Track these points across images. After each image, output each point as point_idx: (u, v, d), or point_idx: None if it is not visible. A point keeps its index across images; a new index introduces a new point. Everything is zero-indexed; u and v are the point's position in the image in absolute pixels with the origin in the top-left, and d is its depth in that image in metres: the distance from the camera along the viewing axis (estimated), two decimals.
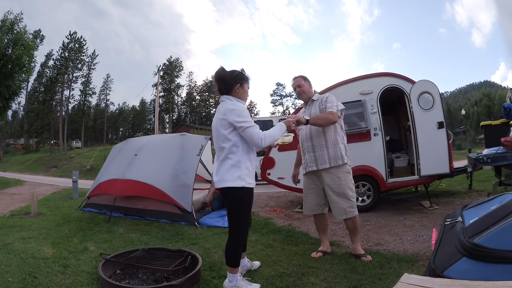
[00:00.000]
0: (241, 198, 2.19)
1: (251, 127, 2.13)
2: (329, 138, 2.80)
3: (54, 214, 5.38)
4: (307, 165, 2.91)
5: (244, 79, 2.30)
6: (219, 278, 2.41)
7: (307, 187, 3.00)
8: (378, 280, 2.28)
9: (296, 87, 3.01)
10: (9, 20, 14.51)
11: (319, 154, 2.81)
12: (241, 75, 2.29)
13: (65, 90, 44.03)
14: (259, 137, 2.13)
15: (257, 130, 2.15)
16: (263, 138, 2.14)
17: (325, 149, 2.79)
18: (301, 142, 2.99)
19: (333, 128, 2.83)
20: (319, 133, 2.82)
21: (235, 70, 2.31)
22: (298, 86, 3.00)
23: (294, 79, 3.05)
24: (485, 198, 2.30)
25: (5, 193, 9.34)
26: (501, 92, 43.63)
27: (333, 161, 2.78)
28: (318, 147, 2.82)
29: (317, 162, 2.82)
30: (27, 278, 2.46)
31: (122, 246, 3.33)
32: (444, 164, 4.59)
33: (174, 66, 56.54)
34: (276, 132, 2.27)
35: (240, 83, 2.27)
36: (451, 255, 1.37)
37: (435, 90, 4.73)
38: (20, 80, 14.96)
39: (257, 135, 2.13)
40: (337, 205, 2.79)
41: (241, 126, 2.12)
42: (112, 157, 6.05)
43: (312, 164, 2.85)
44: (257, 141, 2.13)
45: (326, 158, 2.79)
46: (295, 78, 3.04)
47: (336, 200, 2.79)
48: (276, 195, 7.05)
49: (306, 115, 2.82)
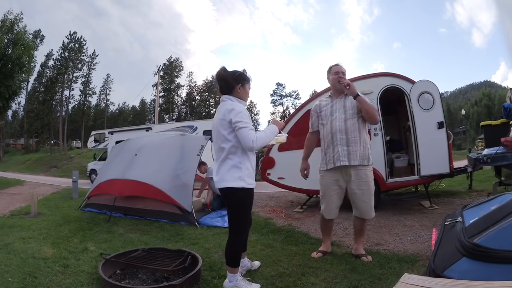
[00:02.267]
0: (241, 199, 2.19)
1: (244, 128, 2.11)
2: (362, 136, 2.71)
3: (54, 214, 5.38)
4: (336, 159, 2.68)
5: (245, 79, 2.31)
6: (219, 278, 2.40)
7: (329, 187, 2.78)
8: (378, 280, 2.28)
9: (341, 73, 2.79)
10: (9, 20, 14.52)
11: (353, 149, 2.66)
12: (242, 75, 2.30)
13: (65, 90, 44.01)
14: (250, 139, 2.10)
15: (250, 132, 2.12)
16: (254, 140, 2.11)
17: (359, 146, 2.67)
18: (329, 134, 2.75)
19: (366, 128, 2.78)
20: (355, 128, 2.69)
21: (237, 71, 2.32)
22: (343, 73, 2.80)
23: (339, 65, 2.84)
24: (485, 198, 2.30)
25: (5, 193, 9.35)
26: (501, 92, 43.61)
27: (363, 160, 2.68)
28: (353, 142, 2.67)
29: (350, 157, 2.66)
30: (27, 278, 2.45)
31: (122, 246, 3.32)
32: (444, 164, 4.59)
33: (174, 66, 56.52)
34: (268, 135, 2.26)
35: (242, 84, 2.28)
36: (451, 255, 1.37)
37: (435, 90, 4.73)
38: (20, 80, 14.99)
39: (249, 137, 2.10)
40: (366, 204, 2.70)
41: (236, 125, 2.11)
42: (112, 157, 6.05)
43: (344, 159, 2.66)
44: (249, 143, 2.10)
45: (359, 154, 2.66)
46: (340, 65, 2.85)
47: (364, 199, 2.69)
48: (276, 195, 7.05)
49: (338, 107, 2.75)
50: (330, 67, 2.88)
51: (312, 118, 2.93)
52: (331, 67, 2.87)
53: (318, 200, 5.65)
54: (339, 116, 2.73)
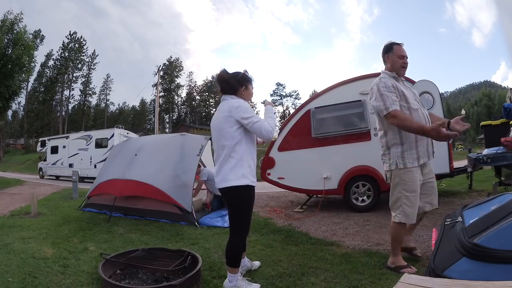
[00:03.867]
0: (245, 197, 2.18)
1: (259, 122, 2.16)
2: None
3: (54, 214, 5.38)
4: (430, 153, 2.45)
5: (248, 81, 2.34)
6: (219, 278, 2.40)
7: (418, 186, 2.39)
8: (378, 280, 2.28)
9: (405, 57, 2.51)
10: (9, 20, 14.51)
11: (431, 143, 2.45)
12: (245, 77, 2.32)
13: (65, 90, 44.14)
14: (268, 130, 2.16)
15: (265, 124, 2.18)
16: (271, 130, 2.18)
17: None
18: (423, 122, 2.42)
19: None
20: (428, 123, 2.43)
21: (239, 72, 2.33)
22: (407, 57, 2.52)
23: (402, 46, 2.51)
24: (485, 198, 2.30)
25: (5, 193, 9.35)
26: (501, 92, 43.64)
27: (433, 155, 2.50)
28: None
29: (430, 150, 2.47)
30: (27, 278, 2.46)
31: (122, 246, 3.33)
32: (444, 164, 4.59)
33: (174, 66, 56.62)
34: (273, 118, 2.33)
35: (245, 86, 2.31)
36: (451, 255, 1.37)
37: (435, 90, 4.73)
38: (20, 80, 14.99)
39: (267, 128, 2.16)
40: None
41: (249, 121, 2.14)
42: (112, 157, 6.05)
43: (431, 154, 2.46)
44: (267, 134, 2.16)
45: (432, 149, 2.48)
46: (402, 45, 2.52)
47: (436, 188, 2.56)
48: (276, 195, 7.05)
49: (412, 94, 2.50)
50: (391, 45, 2.51)
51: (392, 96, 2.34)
52: (392, 46, 2.51)
53: (318, 200, 5.67)
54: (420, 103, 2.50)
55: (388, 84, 2.37)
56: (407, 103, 2.39)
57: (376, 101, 2.39)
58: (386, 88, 2.36)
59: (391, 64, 2.51)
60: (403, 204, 2.38)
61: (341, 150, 4.97)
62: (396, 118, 2.27)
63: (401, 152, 2.38)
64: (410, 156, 2.35)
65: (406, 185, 2.36)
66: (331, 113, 5.13)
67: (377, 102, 2.37)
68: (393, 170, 2.41)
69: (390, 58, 2.51)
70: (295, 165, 5.15)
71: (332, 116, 5.13)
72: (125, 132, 14.62)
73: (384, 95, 2.34)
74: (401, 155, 2.37)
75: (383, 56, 2.58)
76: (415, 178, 2.35)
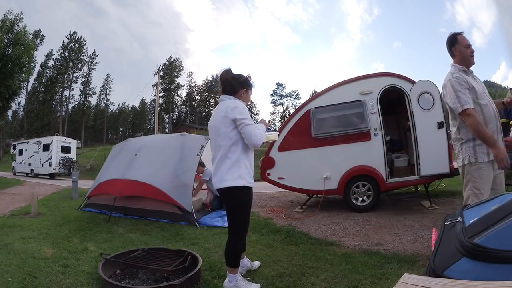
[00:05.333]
0: (242, 198, 2.19)
1: (250, 125, 2.17)
2: None
3: (54, 214, 5.38)
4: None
5: (250, 86, 2.38)
6: (219, 278, 2.41)
7: (490, 183, 2.34)
8: (378, 280, 2.28)
9: (470, 45, 2.45)
10: (9, 20, 14.52)
11: (501, 138, 2.37)
12: (247, 81, 2.37)
13: (65, 90, 44.17)
14: (258, 136, 2.18)
15: (256, 130, 2.19)
16: (260, 137, 2.19)
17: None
18: (494, 118, 2.39)
19: None
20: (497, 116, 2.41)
21: (242, 75, 2.37)
22: (470, 45, 2.46)
23: (464, 35, 2.48)
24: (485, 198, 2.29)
25: (5, 193, 9.34)
26: (501, 92, 43.58)
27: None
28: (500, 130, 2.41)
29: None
30: (27, 278, 2.46)
31: (122, 246, 3.33)
32: (444, 164, 4.59)
33: (174, 66, 56.62)
34: (263, 132, 2.32)
35: (246, 89, 2.35)
36: (451, 255, 1.37)
37: (435, 90, 4.73)
38: (20, 80, 15.03)
39: (257, 134, 2.17)
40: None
41: (242, 123, 2.15)
42: (112, 157, 6.05)
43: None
44: (256, 139, 2.17)
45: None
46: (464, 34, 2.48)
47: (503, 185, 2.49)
48: (276, 195, 7.05)
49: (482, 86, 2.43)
50: (455, 36, 2.47)
51: (465, 94, 2.30)
52: (456, 36, 2.47)
53: (318, 200, 5.67)
54: (488, 97, 2.43)
55: (460, 81, 2.35)
56: (476, 98, 2.35)
57: (450, 99, 2.37)
58: (459, 85, 2.34)
59: (460, 56, 2.47)
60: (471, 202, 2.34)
61: (341, 150, 4.98)
62: (470, 116, 2.27)
63: (473, 146, 2.36)
64: (481, 151, 2.32)
65: (476, 182, 2.33)
66: (331, 113, 5.13)
67: (452, 99, 2.35)
68: (466, 165, 2.38)
69: (458, 50, 2.47)
70: (295, 165, 5.15)
71: (332, 116, 5.13)
72: (62, 139, 19.39)
73: (459, 92, 2.32)
74: (473, 149, 2.35)
75: (449, 49, 2.53)
76: (485, 176, 2.32)
